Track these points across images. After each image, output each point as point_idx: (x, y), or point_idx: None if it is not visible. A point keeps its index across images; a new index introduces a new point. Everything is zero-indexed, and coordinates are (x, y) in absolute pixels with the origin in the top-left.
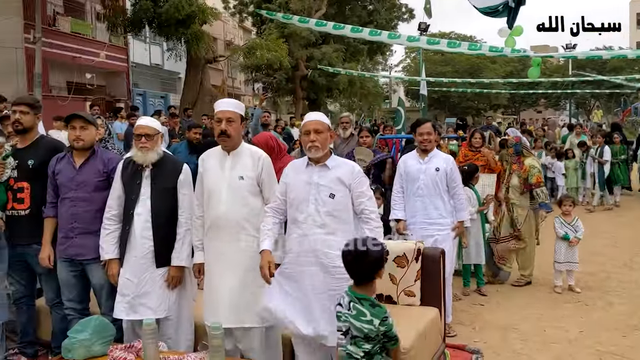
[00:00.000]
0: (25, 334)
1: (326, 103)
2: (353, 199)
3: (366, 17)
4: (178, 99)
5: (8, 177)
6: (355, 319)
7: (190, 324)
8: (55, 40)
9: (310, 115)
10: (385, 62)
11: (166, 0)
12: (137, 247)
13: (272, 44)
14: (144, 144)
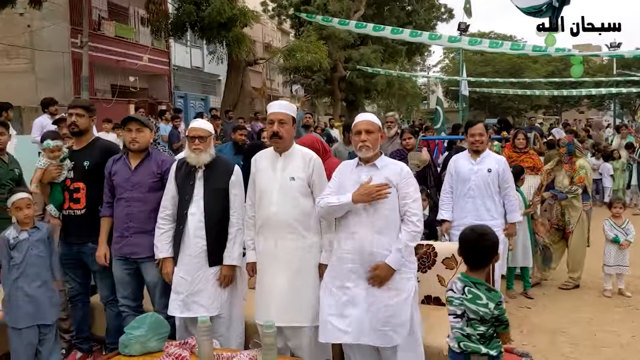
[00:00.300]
0: (81, 330)
1: (364, 104)
2: (399, 199)
3: (405, 17)
4: (218, 101)
5: (65, 178)
6: (471, 302)
7: (241, 322)
8: (100, 45)
9: (361, 115)
10: (423, 62)
11: (208, 4)
12: (190, 246)
13: (312, 45)
14: (197, 145)
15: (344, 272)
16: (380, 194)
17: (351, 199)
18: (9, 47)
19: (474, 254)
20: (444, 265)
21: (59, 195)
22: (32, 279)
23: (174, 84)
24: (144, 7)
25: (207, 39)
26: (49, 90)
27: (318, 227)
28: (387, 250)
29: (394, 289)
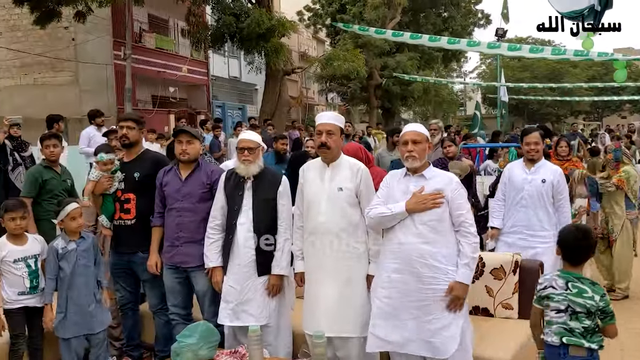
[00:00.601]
0: (131, 338)
1: (400, 111)
2: (451, 210)
3: (441, 24)
4: (255, 109)
5: (116, 189)
6: (577, 297)
7: (289, 332)
8: (142, 56)
9: (409, 125)
10: (459, 69)
11: (248, 15)
12: (240, 255)
13: (350, 54)
14: (246, 157)
15: (391, 283)
16: (436, 203)
17: (404, 209)
18: (55, 60)
19: (576, 251)
20: (492, 276)
21: (111, 206)
22: (80, 289)
23: (212, 93)
24: (183, 19)
25: (245, 49)
26: (93, 101)
27: (365, 237)
28: (435, 261)
29: (444, 300)
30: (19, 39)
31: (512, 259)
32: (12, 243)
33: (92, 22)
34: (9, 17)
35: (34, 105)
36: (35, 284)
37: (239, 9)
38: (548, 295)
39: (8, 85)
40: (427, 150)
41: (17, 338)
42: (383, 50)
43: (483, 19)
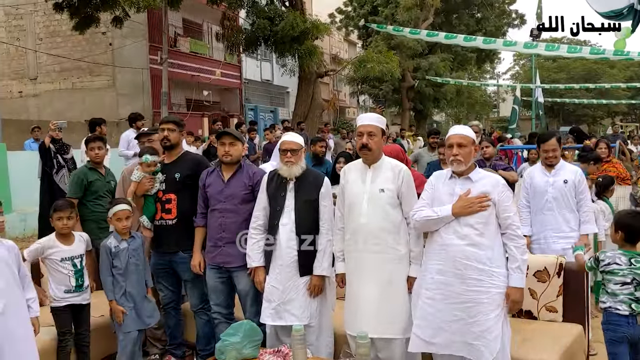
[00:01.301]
0: (174, 336)
1: (433, 113)
2: (498, 212)
3: (474, 25)
4: (286, 112)
5: (157, 190)
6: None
7: (331, 332)
8: (176, 60)
9: (454, 128)
10: (493, 70)
11: (282, 19)
12: (282, 256)
13: (383, 56)
14: (289, 158)
15: (434, 285)
16: (482, 207)
17: (451, 212)
18: (93, 64)
19: (634, 232)
20: (536, 278)
21: (152, 206)
22: (133, 286)
23: (244, 96)
24: (217, 23)
25: (279, 52)
26: (129, 105)
27: (407, 238)
28: (480, 263)
29: (489, 303)
30: (58, 44)
31: (557, 261)
32: (61, 242)
33: (128, 27)
34: (49, 23)
35: (72, 109)
36: (81, 282)
37: (273, 12)
38: (612, 271)
39: (48, 90)
40: (473, 153)
41: (64, 335)
42: (415, 51)
43: (517, 19)
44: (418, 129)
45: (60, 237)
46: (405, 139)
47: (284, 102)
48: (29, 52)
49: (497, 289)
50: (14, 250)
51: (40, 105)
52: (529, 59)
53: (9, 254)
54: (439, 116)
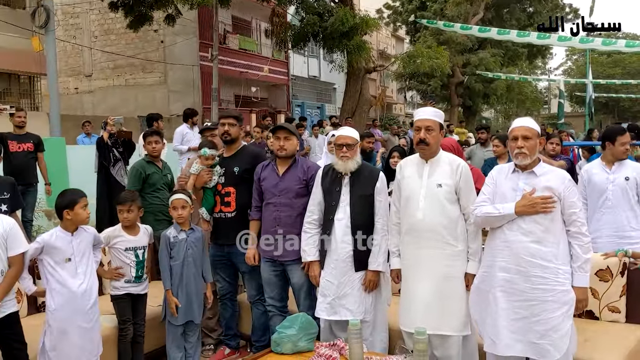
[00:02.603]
0: (229, 327)
1: (482, 109)
2: (564, 208)
3: (526, 19)
4: (333, 108)
5: (216, 183)
6: None
7: (385, 327)
8: (226, 57)
9: (518, 120)
10: (544, 65)
11: (331, 14)
12: (337, 250)
13: (433, 51)
14: (345, 153)
15: (497, 282)
16: (547, 208)
17: (513, 211)
18: (145, 61)
19: None
20: (598, 278)
21: (211, 199)
22: (189, 278)
23: (292, 92)
24: (265, 20)
25: (328, 48)
26: (180, 101)
27: (465, 234)
28: (545, 260)
29: (554, 301)
30: (112, 42)
31: (620, 260)
32: (126, 232)
33: (180, 24)
34: (103, 21)
35: (126, 104)
36: (140, 273)
37: (322, 8)
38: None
39: (102, 86)
40: (539, 146)
41: (125, 323)
42: (465, 47)
43: (571, 13)
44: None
45: (125, 227)
46: (454, 134)
47: (330, 98)
48: (85, 49)
49: (563, 286)
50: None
51: (95, 101)
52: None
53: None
54: (488, 112)
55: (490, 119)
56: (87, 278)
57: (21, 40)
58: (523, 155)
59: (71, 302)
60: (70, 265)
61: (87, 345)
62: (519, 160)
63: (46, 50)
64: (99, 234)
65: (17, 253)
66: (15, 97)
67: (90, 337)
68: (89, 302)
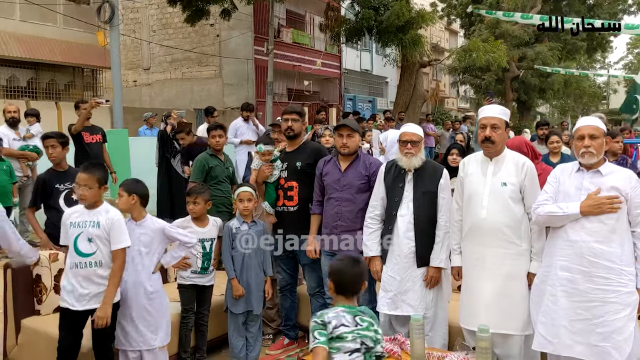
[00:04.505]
0: (288, 318)
1: (537, 105)
2: (629, 209)
3: (586, 12)
4: (384, 102)
5: (278, 177)
6: (367, 330)
7: (445, 324)
8: (280, 51)
9: (585, 119)
10: (604, 59)
11: (387, 8)
12: (400, 246)
13: (490, 44)
14: (409, 149)
15: (558, 281)
16: (613, 208)
17: (578, 211)
18: (201, 55)
19: (346, 282)
20: None
21: (273, 193)
22: (249, 269)
23: (343, 86)
24: (319, 14)
25: (382, 42)
26: (234, 94)
27: (528, 234)
28: (609, 261)
29: (617, 302)
30: (170, 36)
31: None
32: (195, 224)
33: (235, 18)
34: (161, 16)
35: (182, 97)
36: (207, 265)
37: (378, 2)
38: (340, 335)
39: (160, 79)
40: (605, 146)
41: (187, 312)
42: (521, 40)
43: (635, 5)
44: (522, 120)
45: (194, 219)
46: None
47: (382, 92)
48: (143, 43)
49: (626, 288)
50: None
51: (153, 93)
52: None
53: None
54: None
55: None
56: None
57: (86, 35)
58: (590, 154)
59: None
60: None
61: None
62: (585, 159)
63: (110, 45)
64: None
65: (119, 248)
66: (78, 89)
67: (146, 324)
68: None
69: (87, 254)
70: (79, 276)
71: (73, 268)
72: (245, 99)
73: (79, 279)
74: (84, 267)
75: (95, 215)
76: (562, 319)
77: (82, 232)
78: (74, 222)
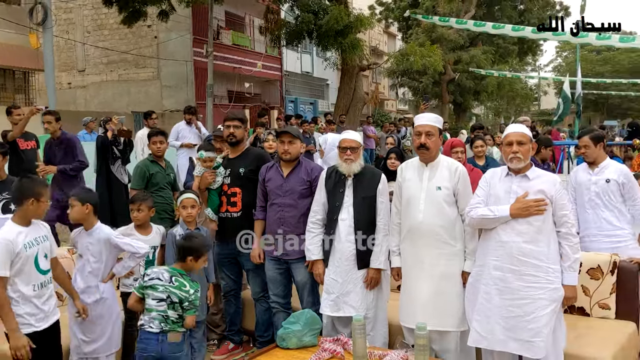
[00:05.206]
0: (233, 323)
1: (472, 106)
2: (554, 210)
3: (517, 17)
4: (325, 104)
5: (221, 183)
6: (177, 289)
7: (385, 323)
8: (219, 53)
9: (512, 126)
10: (534, 62)
11: (326, 12)
12: (341, 249)
13: (426, 49)
14: (349, 156)
15: (492, 280)
16: (540, 210)
17: (508, 213)
18: (138, 57)
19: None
20: (589, 276)
21: (216, 199)
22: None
23: (285, 88)
24: (259, 16)
25: (322, 45)
26: (173, 97)
27: (462, 235)
28: (537, 260)
29: (545, 299)
30: (105, 37)
31: (610, 259)
32: (138, 232)
33: (173, 20)
34: (96, 16)
35: (118, 100)
36: None
37: (317, 6)
38: (152, 285)
39: (95, 82)
40: (531, 151)
41: (131, 320)
42: (457, 44)
43: (562, 11)
44: (458, 121)
45: (137, 227)
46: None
47: (323, 94)
48: (77, 44)
49: (553, 284)
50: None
51: (88, 96)
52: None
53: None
54: (479, 109)
55: (480, 116)
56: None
57: (17, 36)
58: (518, 159)
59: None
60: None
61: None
62: (513, 164)
63: (43, 47)
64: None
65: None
66: (10, 92)
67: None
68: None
69: (46, 271)
70: (44, 297)
71: (37, 290)
72: (184, 101)
73: (42, 299)
74: (47, 285)
75: (40, 230)
76: (495, 316)
77: (39, 249)
78: (26, 243)
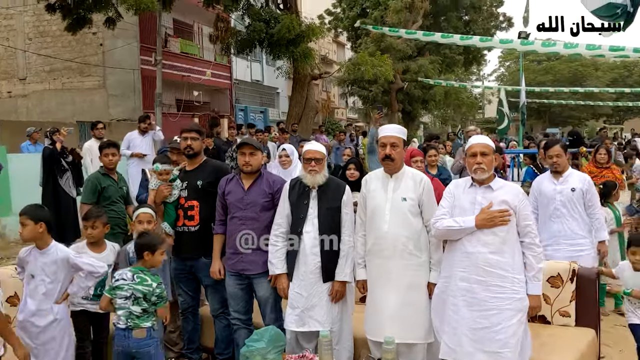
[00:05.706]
0: (191, 341)
1: (421, 115)
2: (518, 221)
3: (462, 27)
4: (276, 113)
5: (177, 197)
6: (139, 285)
7: (351, 337)
8: (167, 61)
9: (476, 137)
10: (479, 72)
11: (278, 21)
12: (306, 262)
13: (377, 58)
14: (313, 167)
15: (459, 291)
16: (504, 221)
17: (474, 224)
18: (83, 65)
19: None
20: (549, 284)
21: (172, 213)
22: None
23: (235, 97)
24: (207, 24)
25: (274, 54)
26: (120, 105)
27: (427, 245)
28: (503, 270)
29: (511, 309)
30: (48, 44)
31: (570, 267)
32: (90, 249)
33: (120, 28)
34: (38, 23)
35: (62, 109)
36: (100, 292)
37: (268, 15)
38: (118, 286)
39: (37, 90)
40: (494, 162)
41: (83, 341)
42: (405, 54)
43: (505, 22)
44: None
45: (90, 244)
46: None
47: (274, 102)
48: (18, 52)
49: (518, 294)
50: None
51: (30, 105)
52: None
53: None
54: (427, 117)
55: (428, 124)
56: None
57: None
58: (481, 170)
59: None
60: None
61: None
62: (477, 175)
63: None
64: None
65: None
66: None
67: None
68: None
69: None
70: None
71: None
72: (131, 110)
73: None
74: None
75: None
76: (463, 327)
77: None
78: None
